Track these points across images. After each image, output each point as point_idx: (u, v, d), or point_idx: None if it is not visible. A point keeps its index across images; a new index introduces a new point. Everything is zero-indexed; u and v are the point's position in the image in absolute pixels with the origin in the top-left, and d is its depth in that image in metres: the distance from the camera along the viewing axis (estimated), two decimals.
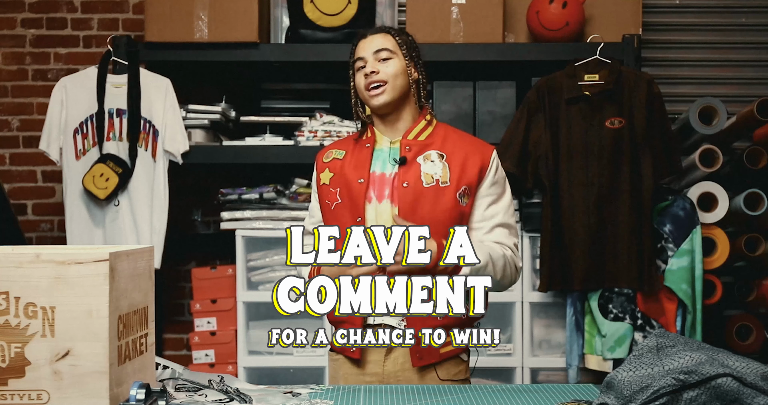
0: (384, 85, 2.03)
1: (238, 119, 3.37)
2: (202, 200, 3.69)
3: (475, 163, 2.06)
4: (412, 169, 2.03)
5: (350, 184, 2.04)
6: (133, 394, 1.45)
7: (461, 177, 2.03)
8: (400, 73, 2.05)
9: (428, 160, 2.04)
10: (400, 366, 2.04)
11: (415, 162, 2.04)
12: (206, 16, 3.18)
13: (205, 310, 3.33)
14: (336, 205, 2.05)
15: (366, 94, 2.06)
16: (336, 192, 2.06)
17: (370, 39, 2.08)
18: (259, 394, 1.71)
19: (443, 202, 2.01)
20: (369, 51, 2.06)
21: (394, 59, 2.06)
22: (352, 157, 2.09)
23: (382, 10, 3.41)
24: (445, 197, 2.02)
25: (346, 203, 2.04)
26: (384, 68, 2.04)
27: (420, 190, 2.01)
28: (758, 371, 1.35)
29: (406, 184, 2.01)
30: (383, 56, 2.05)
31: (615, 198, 3.02)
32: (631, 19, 3.31)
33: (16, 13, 3.71)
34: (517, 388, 1.82)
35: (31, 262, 1.41)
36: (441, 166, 2.04)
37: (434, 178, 2.02)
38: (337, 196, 2.05)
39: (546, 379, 3.23)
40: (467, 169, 2.05)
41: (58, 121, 3.19)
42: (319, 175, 2.13)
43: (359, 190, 2.03)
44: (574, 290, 3.07)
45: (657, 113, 3.04)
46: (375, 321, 2.02)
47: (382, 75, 2.03)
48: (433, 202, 2.00)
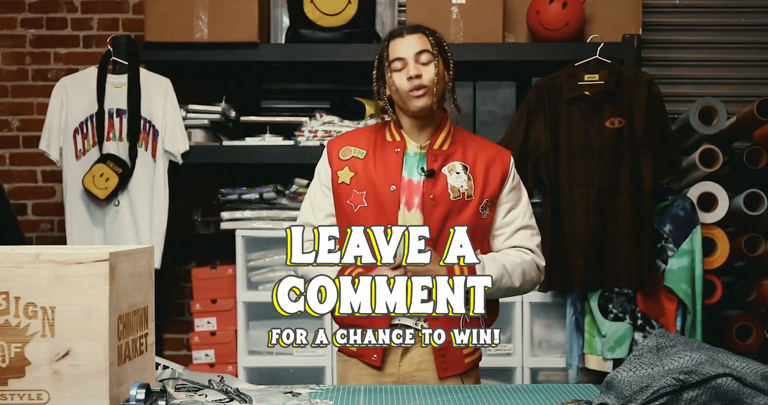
0: (426, 89, 2.00)
1: (238, 119, 3.37)
2: (202, 200, 3.68)
3: (496, 173, 2.06)
4: (440, 181, 2.01)
5: (380, 189, 2.00)
6: (133, 394, 1.45)
7: (484, 190, 2.04)
8: (440, 78, 2.03)
9: (453, 172, 2.03)
10: (416, 366, 2.03)
11: (441, 173, 2.02)
12: (206, 16, 3.18)
13: (205, 310, 3.33)
14: (361, 208, 2.01)
15: (406, 96, 2.00)
16: (362, 195, 2.01)
17: (408, 39, 2.03)
18: (259, 394, 1.71)
19: (465, 216, 2.01)
20: (410, 52, 2.01)
21: (434, 63, 2.02)
22: (377, 159, 2.05)
23: (382, 10, 3.41)
24: (468, 211, 2.01)
25: (374, 208, 2.00)
26: (426, 73, 2.00)
27: (448, 203, 2.00)
28: (758, 371, 1.35)
29: (433, 197, 1.99)
30: (424, 60, 2.01)
31: (615, 198, 3.02)
32: (631, 19, 3.31)
33: (16, 13, 3.71)
34: (517, 388, 1.82)
35: (31, 262, 1.41)
36: (465, 179, 2.03)
37: (461, 192, 2.01)
38: (363, 200, 2.01)
39: (546, 379, 3.23)
40: (489, 181, 2.05)
41: (58, 121, 3.18)
42: (336, 172, 2.06)
43: (392, 198, 1.99)
44: (574, 290, 3.07)
45: (657, 113, 3.04)
46: (395, 321, 1.99)
47: (425, 80, 2.00)
48: (457, 217, 2.00)
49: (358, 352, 2.04)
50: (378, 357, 2.02)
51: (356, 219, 1.99)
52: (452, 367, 2.03)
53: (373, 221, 1.96)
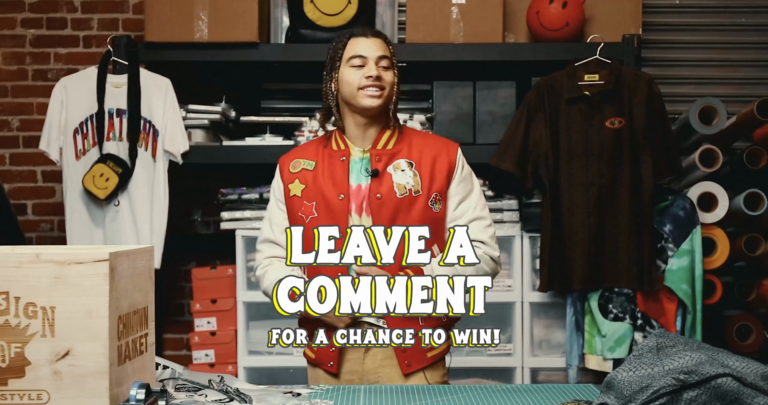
0: (382, 92, 2.05)
1: (238, 119, 3.37)
2: (202, 200, 3.68)
3: (443, 166, 2.08)
4: (384, 180, 2.04)
5: (329, 199, 2.04)
6: (133, 394, 1.45)
7: (431, 184, 2.05)
8: (393, 84, 2.08)
9: (398, 170, 2.05)
10: (379, 363, 2.06)
11: (386, 172, 2.05)
12: (206, 16, 3.18)
13: (205, 310, 3.33)
14: (312, 219, 2.04)
15: (358, 92, 2.04)
16: (312, 206, 2.05)
17: (372, 41, 2.08)
18: (259, 394, 1.71)
19: (415, 212, 2.02)
20: (373, 54, 2.06)
21: (391, 70, 2.08)
22: (325, 168, 2.08)
23: (382, 10, 3.41)
24: (417, 206, 2.03)
25: (324, 218, 2.02)
26: (385, 76, 2.06)
27: (394, 201, 2.02)
28: (758, 371, 1.35)
29: (380, 196, 2.02)
30: (384, 65, 2.06)
31: (615, 198, 3.02)
32: (631, 19, 3.32)
33: (16, 13, 3.71)
34: (517, 388, 1.82)
35: (31, 262, 1.41)
36: (411, 175, 2.05)
37: (407, 188, 2.03)
38: (313, 210, 2.04)
39: (546, 379, 3.23)
40: (436, 175, 2.06)
41: (58, 121, 3.18)
42: (287, 186, 2.11)
43: (341, 207, 2.03)
44: (574, 290, 3.07)
45: (657, 113, 3.04)
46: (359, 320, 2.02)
47: (383, 83, 2.05)
48: (407, 213, 2.02)
49: (317, 359, 2.10)
50: (334, 364, 2.06)
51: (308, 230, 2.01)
52: (415, 362, 2.05)
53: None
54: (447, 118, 3.26)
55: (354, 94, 2.05)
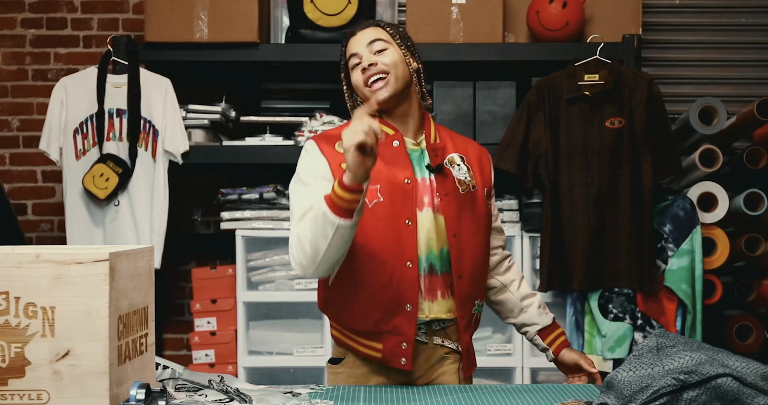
0: (386, 76, 1.87)
1: (238, 119, 3.37)
2: (202, 200, 3.68)
3: (487, 163, 2.05)
4: (447, 176, 1.92)
5: (394, 182, 1.85)
6: (133, 394, 1.45)
7: (483, 178, 2.00)
8: (400, 61, 1.89)
9: (455, 165, 1.95)
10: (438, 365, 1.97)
11: (445, 167, 1.93)
12: (206, 16, 3.18)
13: (205, 310, 3.33)
14: (376, 204, 1.84)
15: (366, 90, 1.89)
16: (376, 189, 1.84)
17: (360, 34, 1.93)
18: (259, 394, 1.71)
19: (478, 207, 1.96)
20: (362, 45, 1.91)
21: (391, 49, 1.90)
22: (384, 154, 1.87)
23: (382, 10, 3.41)
24: (479, 202, 1.96)
25: (389, 203, 1.84)
26: (382, 59, 1.88)
27: (460, 198, 1.92)
28: (758, 371, 1.35)
29: (447, 194, 1.90)
30: (378, 47, 1.90)
31: (615, 198, 3.02)
32: (631, 19, 3.31)
33: (16, 13, 3.71)
34: (517, 388, 1.82)
35: (31, 262, 1.41)
36: (466, 170, 1.96)
37: (467, 183, 1.94)
38: (378, 194, 1.84)
39: (546, 379, 3.23)
40: (484, 169, 2.02)
41: (58, 121, 3.19)
42: (339, 165, 1.83)
43: (408, 191, 1.86)
44: (574, 290, 3.07)
45: (657, 113, 3.04)
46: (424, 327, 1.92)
47: (381, 66, 1.87)
48: (471, 209, 1.93)
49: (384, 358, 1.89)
50: (408, 362, 1.88)
51: (371, 216, 1.83)
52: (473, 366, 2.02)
53: (390, 218, 1.84)
54: (447, 118, 3.26)
55: (366, 94, 1.91)
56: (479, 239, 1.95)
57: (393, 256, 1.83)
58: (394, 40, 1.93)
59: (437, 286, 1.88)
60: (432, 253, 1.87)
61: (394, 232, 1.83)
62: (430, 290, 1.87)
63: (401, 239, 1.83)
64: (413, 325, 1.85)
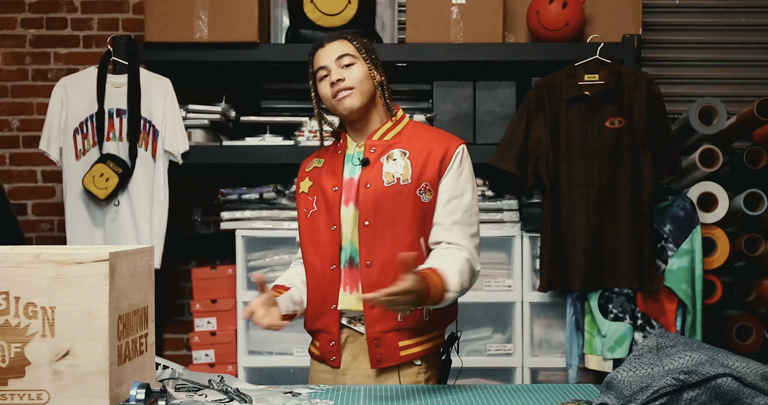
0: (352, 90, 1.99)
1: (238, 119, 3.37)
2: (202, 200, 3.69)
3: (437, 157, 2.00)
4: (374, 169, 2.00)
5: (326, 191, 2.03)
6: (133, 394, 1.45)
7: (422, 173, 1.99)
8: (365, 77, 2.01)
9: (390, 159, 2.01)
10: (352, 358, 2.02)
11: (378, 162, 2.01)
12: (206, 16, 3.18)
13: (205, 310, 3.33)
14: (312, 213, 2.05)
15: (334, 102, 2.01)
16: (313, 200, 2.06)
17: (328, 47, 2.04)
18: (259, 394, 1.71)
19: (403, 200, 1.97)
20: (331, 58, 2.02)
21: (357, 64, 2.01)
22: (328, 164, 2.09)
23: (382, 10, 3.41)
24: (406, 195, 1.97)
25: (322, 211, 2.03)
26: (349, 74, 2.00)
27: (381, 190, 1.97)
28: (758, 371, 1.35)
29: (369, 185, 1.99)
30: (346, 62, 2.01)
31: (615, 198, 3.02)
32: (631, 19, 3.31)
33: (16, 13, 3.71)
34: (517, 388, 1.82)
35: (31, 262, 1.41)
36: (403, 164, 2.00)
37: (395, 177, 1.98)
38: (314, 204, 2.05)
39: (546, 379, 3.23)
40: (428, 165, 2.00)
41: (58, 121, 3.18)
42: (299, 184, 2.14)
43: (335, 198, 2.01)
44: (574, 290, 3.07)
45: (657, 113, 3.04)
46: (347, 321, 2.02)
47: (348, 81, 1.99)
48: (393, 201, 1.97)
49: (321, 356, 2.06)
50: (336, 359, 2.03)
51: (309, 225, 2.05)
52: (386, 359, 1.97)
53: (323, 223, 2.02)
54: (447, 118, 3.26)
55: (332, 105, 2.03)
56: (399, 230, 1.95)
57: (322, 259, 2.01)
58: (360, 55, 2.04)
59: (357, 278, 1.98)
60: (352, 246, 1.99)
61: (323, 238, 2.01)
62: (349, 283, 1.99)
63: (328, 244, 2.00)
64: (337, 322, 2.00)
